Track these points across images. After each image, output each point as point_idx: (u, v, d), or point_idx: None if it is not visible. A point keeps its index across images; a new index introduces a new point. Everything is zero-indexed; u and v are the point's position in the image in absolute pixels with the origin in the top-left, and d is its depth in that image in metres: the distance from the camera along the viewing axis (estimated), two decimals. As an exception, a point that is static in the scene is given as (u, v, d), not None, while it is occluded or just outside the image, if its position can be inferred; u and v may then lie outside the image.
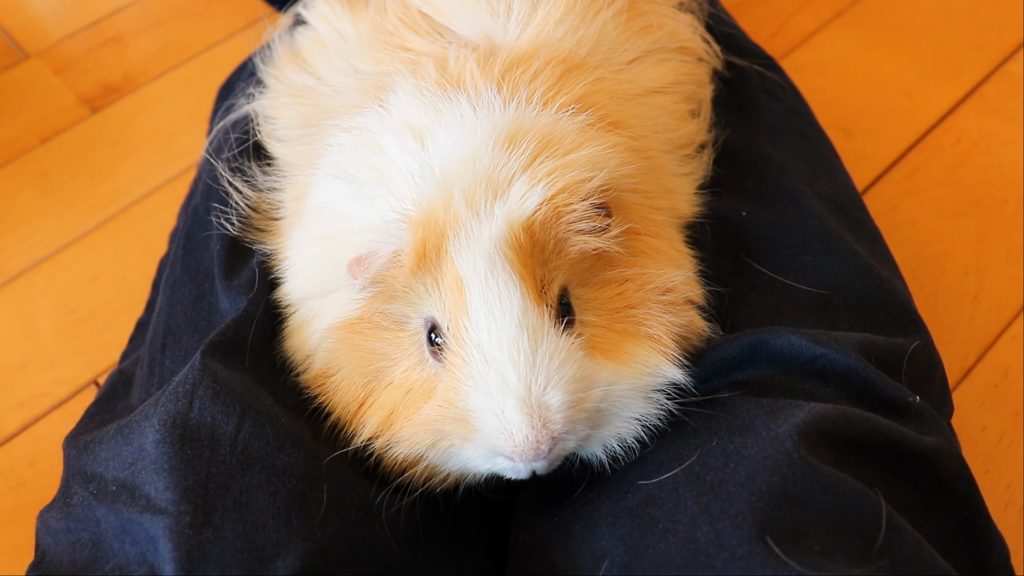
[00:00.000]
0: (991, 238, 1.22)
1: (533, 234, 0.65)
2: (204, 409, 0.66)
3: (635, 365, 0.66)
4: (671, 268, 0.71)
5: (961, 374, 1.09)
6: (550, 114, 0.72)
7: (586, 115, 0.74)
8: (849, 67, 1.45)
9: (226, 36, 1.57)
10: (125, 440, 0.67)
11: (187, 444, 0.64)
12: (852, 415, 0.65)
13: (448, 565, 0.71)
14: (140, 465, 0.65)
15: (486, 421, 0.62)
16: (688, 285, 0.72)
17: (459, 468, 0.67)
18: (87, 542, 0.65)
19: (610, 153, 0.70)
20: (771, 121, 0.97)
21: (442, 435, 0.65)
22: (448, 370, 0.65)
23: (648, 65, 0.86)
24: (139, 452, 0.65)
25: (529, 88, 0.74)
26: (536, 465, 0.64)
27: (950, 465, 0.68)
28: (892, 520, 0.59)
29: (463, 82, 0.74)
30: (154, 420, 0.66)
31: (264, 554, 0.59)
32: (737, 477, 0.60)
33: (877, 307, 0.78)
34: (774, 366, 0.71)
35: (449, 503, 0.70)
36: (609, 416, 0.65)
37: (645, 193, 0.76)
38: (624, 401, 0.65)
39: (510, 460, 0.63)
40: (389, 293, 0.67)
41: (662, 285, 0.70)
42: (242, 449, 0.64)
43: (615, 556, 0.62)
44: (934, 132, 1.35)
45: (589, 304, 0.68)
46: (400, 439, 0.67)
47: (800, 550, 0.56)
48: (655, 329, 0.69)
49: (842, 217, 0.87)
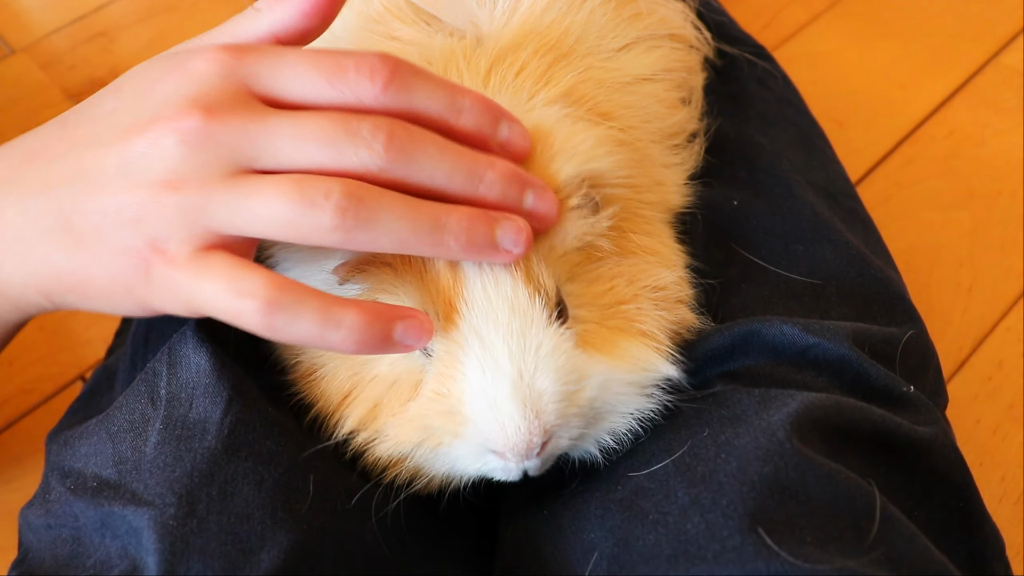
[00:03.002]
0: (985, 230, 1.21)
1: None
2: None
3: (629, 361, 0.65)
4: (661, 266, 0.71)
5: (955, 366, 1.09)
6: (537, 108, 0.71)
7: (573, 108, 0.73)
8: (841, 59, 1.44)
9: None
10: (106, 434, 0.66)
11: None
12: (845, 404, 0.64)
13: (436, 561, 0.70)
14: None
15: (478, 409, 0.61)
16: (679, 285, 0.71)
17: (447, 469, 0.66)
18: (67, 538, 0.64)
19: (598, 147, 0.69)
20: (762, 110, 0.96)
21: (430, 432, 0.63)
22: (438, 359, 0.63)
23: (638, 52, 0.85)
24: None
25: (516, 82, 0.73)
26: (527, 464, 0.62)
27: (944, 456, 0.67)
28: (886, 511, 0.58)
29: (448, 76, 0.73)
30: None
31: (248, 546, 0.58)
32: (728, 468, 0.59)
33: (870, 297, 0.77)
34: (766, 356, 0.70)
35: (437, 501, 0.69)
36: (603, 414, 0.64)
37: (635, 187, 0.75)
38: (619, 397, 0.64)
39: (501, 457, 0.62)
40: (377, 289, 0.66)
41: (653, 283, 0.69)
42: (228, 433, 0.63)
43: (604, 548, 0.61)
44: (927, 124, 1.35)
45: (580, 300, 0.67)
46: (385, 436, 0.65)
47: (793, 541, 0.55)
48: (648, 325, 0.67)
49: (835, 206, 0.86)
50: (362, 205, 0.57)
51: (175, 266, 0.59)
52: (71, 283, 0.63)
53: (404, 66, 0.60)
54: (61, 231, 0.62)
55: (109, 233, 0.60)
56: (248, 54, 0.61)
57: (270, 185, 0.58)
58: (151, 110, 0.61)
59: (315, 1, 0.63)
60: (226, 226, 0.59)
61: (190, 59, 0.62)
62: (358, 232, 0.57)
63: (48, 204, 0.62)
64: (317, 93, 0.60)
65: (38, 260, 0.63)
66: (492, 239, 0.59)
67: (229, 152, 0.59)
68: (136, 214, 0.59)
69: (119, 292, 0.62)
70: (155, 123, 0.60)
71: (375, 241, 0.58)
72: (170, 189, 0.59)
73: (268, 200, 0.57)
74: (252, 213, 0.58)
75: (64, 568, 0.63)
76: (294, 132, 0.59)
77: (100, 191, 0.61)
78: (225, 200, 0.58)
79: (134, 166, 0.60)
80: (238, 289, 0.57)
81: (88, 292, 0.63)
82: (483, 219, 0.59)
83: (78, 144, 0.63)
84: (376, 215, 0.57)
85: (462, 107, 0.61)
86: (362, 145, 0.58)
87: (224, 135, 0.58)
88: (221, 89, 0.60)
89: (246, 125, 0.59)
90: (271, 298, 0.56)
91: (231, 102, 0.60)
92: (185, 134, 0.58)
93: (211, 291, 0.58)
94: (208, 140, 0.58)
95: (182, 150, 0.58)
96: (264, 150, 0.59)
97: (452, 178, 0.60)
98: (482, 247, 0.59)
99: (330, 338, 0.57)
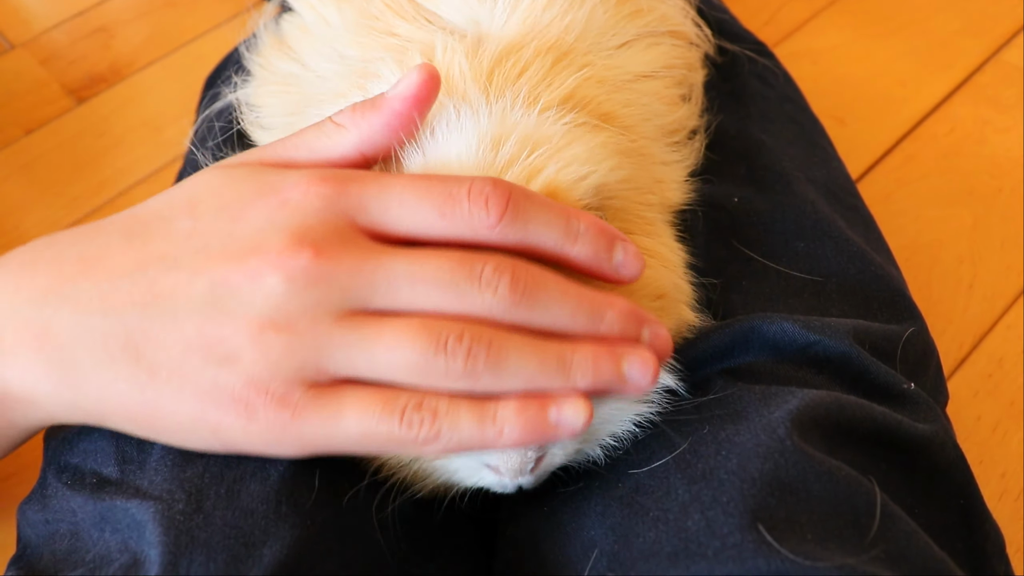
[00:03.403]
0: (985, 227, 1.21)
1: None
2: None
3: None
4: (662, 268, 0.70)
5: (955, 363, 1.09)
6: (538, 114, 0.70)
7: (575, 114, 0.72)
8: (842, 56, 1.44)
9: (213, 26, 1.55)
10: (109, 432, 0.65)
11: None
12: (846, 402, 0.64)
13: (438, 559, 0.69)
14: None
15: None
16: (679, 288, 0.71)
17: (443, 480, 0.65)
18: (66, 532, 0.64)
19: (600, 153, 0.69)
20: (763, 107, 0.96)
21: None
22: None
23: (638, 49, 0.85)
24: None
25: (517, 86, 0.72)
26: (522, 480, 0.62)
27: (945, 453, 0.67)
28: (886, 508, 0.58)
29: (451, 79, 0.73)
30: None
31: (251, 540, 0.57)
32: (729, 464, 0.59)
33: (871, 294, 0.77)
34: (767, 353, 0.70)
35: (438, 501, 0.69)
36: (598, 426, 0.64)
37: (636, 190, 0.75)
38: (615, 413, 0.63)
39: (495, 472, 0.61)
40: None
41: (653, 290, 0.68)
42: None
43: (604, 546, 0.61)
44: (928, 121, 1.34)
45: None
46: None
47: (793, 538, 0.54)
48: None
49: (835, 204, 0.86)
50: (491, 348, 0.54)
51: (296, 408, 0.55)
52: (135, 415, 0.59)
53: (518, 193, 0.57)
54: (128, 359, 0.57)
55: (194, 369, 0.56)
56: (351, 184, 0.58)
57: (395, 329, 0.55)
58: (246, 240, 0.57)
59: (400, 113, 0.61)
60: (342, 370, 0.55)
61: (283, 187, 0.58)
62: (487, 376, 0.55)
63: (112, 327, 0.57)
64: (428, 226, 0.57)
65: (94, 386, 0.58)
66: (620, 373, 0.57)
67: (342, 294, 0.55)
68: (232, 351, 0.55)
69: (202, 432, 0.58)
70: (255, 255, 0.55)
71: (501, 384, 0.55)
72: (275, 330, 0.55)
73: (394, 344, 0.54)
74: (374, 357, 0.55)
75: (62, 563, 0.63)
76: (412, 273, 0.55)
77: (184, 321, 0.56)
78: (343, 343, 0.55)
79: (229, 299, 0.55)
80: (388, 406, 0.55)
81: (157, 426, 0.59)
82: (608, 356, 0.57)
83: (149, 263, 0.58)
84: (505, 358, 0.55)
85: (577, 233, 0.59)
86: (486, 288, 0.55)
87: (336, 276, 0.55)
88: (325, 223, 0.56)
89: (359, 265, 0.55)
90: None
91: (339, 238, 0.56)
92: (293, 271, 0.55)
93: (355, 418, 0.55)
94: (320, 281, 0.55)
95: (289, 288, 0.54)
96: (379, 292, 0.56)
97: (575, 320, 0.57)
98: (608, 381, 0.57)
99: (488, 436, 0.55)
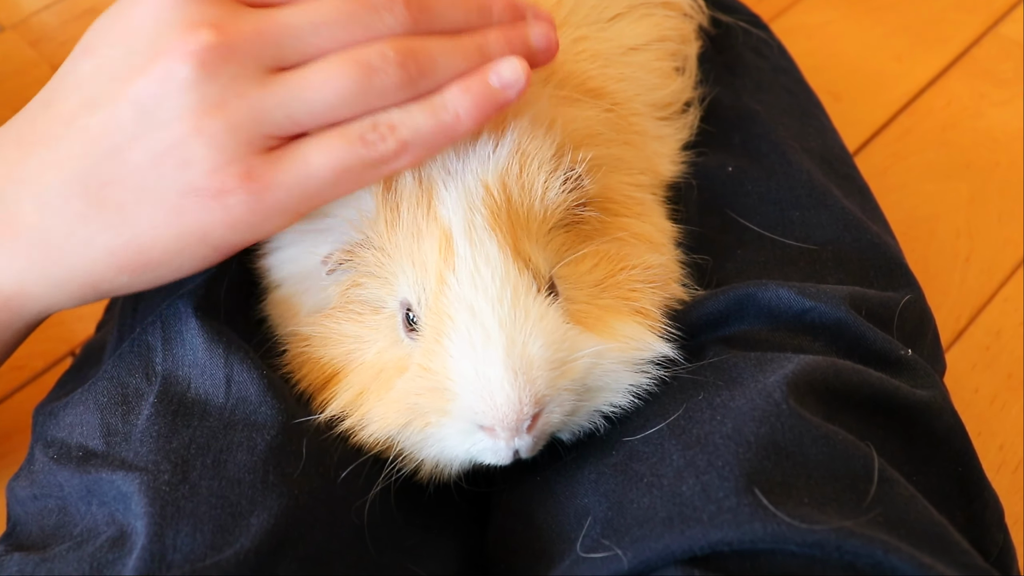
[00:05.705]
0: (982, 200, 1.20)
1: (509, 196, 0.63)
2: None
3: (621, 339, 0.64)
4: (651, 250, 0.70)
5: (953, 336, 1.08)
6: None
7: (567, 88, 0.72)
8: (837, 31, 1.43)
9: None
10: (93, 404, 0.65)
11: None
12: (842, 367, 0.63)
13: (429, 531, 0.69)
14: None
15: (466, 380, 0.59)
16: (668, 266, 0.71)
17: (435, 452, 0.64)
18: (54, 508, 0.63)
19: (587, 125, 0.69)
20: (757, 78, 0.95)
21: (417, 411, 0.62)
22: (425, 336, 0.62)
23: (630, 21, 0.84)
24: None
25: None
26: (518, 443, 0.61)
27: (943, 419, 0.66)
28: (884, 472, 0.58)
29: None
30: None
31: (238, 510, 0.57)
32: (724, 429, 0.58)
33: (867, 262, 0.76)
34: (762, 320, 0.69)
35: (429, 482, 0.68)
36: (595, 390, 0.63)
37: (625, 166, 0.74)
38: (612, 375, 0.63)
39: (490, 434, 0.60)
40: (364, 273, 0.66)
41: (643, 262, 0.68)
42: (228, 415, 0.62)
43: (598, 513, 0.60)
44: (924, 95, 1.34)
45: (569, 280, 0.66)
46: (371, 419, 0.64)
47: (790, 502, 0.54)
48: (639, 303, 0.67)
49: (831, 173, 0.85)
50: (418, 56, 0.57)
51: (262, 176, 0.56)
52: (127, 259, 0.59)
53: None
54: (98, 208, 0.57)
55: (156, 187, 0.56)
56: None
57: (319, 69, 0.56)
58: (145, 50, 0.57)
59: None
60: (286, 126, 0.56)
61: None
62: (422, 80, 0.57)
63: (68, 188, 0.57)
64: None
65: (77, 251, 0.58)
66: (528, 43, 0.63)
67: (256, 59, 0.56)
68: (182, 154, 0.55)
69: (191, 244, 0.58)
70: (159, 58, 0.56)
71: (437, 81, 0.58)
72: (208, 115, 0.55)
73: (324, 81, 0.56)
74: (310, 100, 0.56)
75: (51, 539, 0.62)
76: (312, 20, 0.57)
77: (126, 150, 0.56)
78: (276, 101, 0.56)
79: (156, 109, 0.56)
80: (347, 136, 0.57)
81: (151, 261, 0.59)
82: (514, 30, 0.63)
83: (74, 115, 0.58)
84: (433, 59, 0.58)
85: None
86: (384, 12, 0.57)
87: (242, 45, 0.56)
88: (208, 3, 0.57)
89: (260, 28, 0.56)
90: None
91: (229, 12, 0.57)
92: (200, 56, 0.55)
93: (321, 158, 0.57)
94: (229, 54, 0.55)
95: (203, 72, 0.55)
96: (288, 46, 0.57)
97: (469, 17, 0.62)
98: (521, 51, 0.62)
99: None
